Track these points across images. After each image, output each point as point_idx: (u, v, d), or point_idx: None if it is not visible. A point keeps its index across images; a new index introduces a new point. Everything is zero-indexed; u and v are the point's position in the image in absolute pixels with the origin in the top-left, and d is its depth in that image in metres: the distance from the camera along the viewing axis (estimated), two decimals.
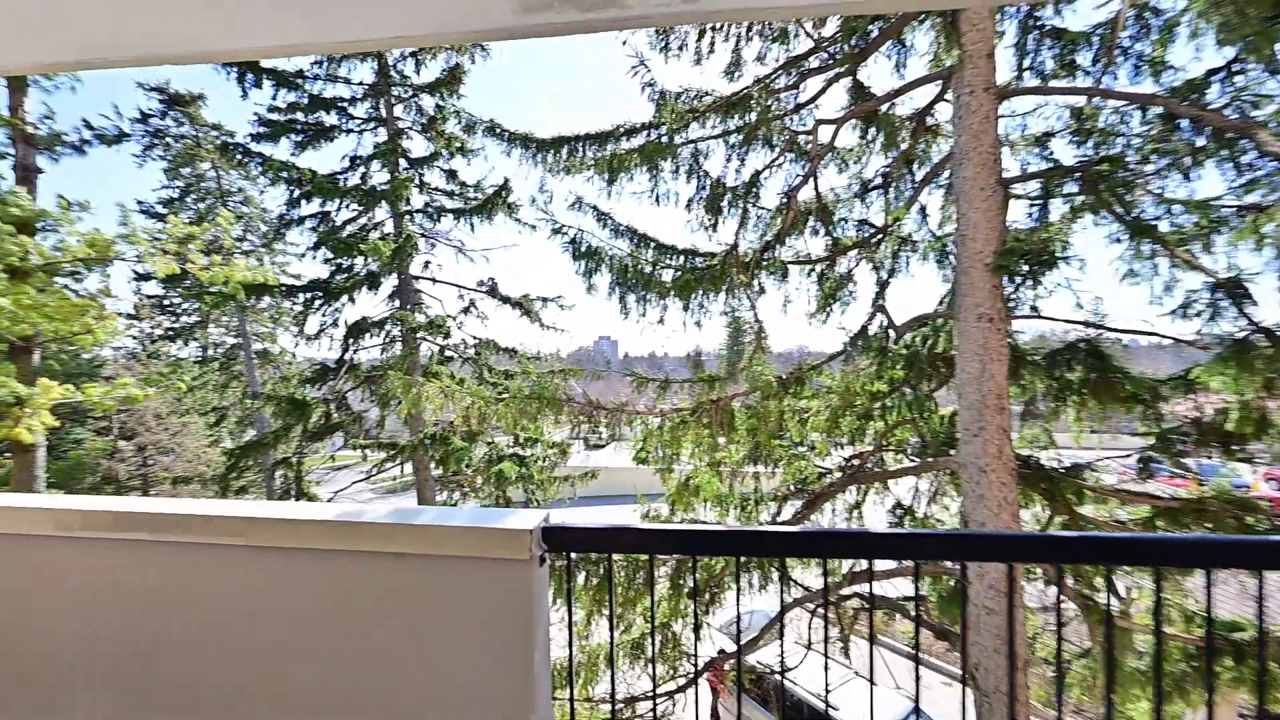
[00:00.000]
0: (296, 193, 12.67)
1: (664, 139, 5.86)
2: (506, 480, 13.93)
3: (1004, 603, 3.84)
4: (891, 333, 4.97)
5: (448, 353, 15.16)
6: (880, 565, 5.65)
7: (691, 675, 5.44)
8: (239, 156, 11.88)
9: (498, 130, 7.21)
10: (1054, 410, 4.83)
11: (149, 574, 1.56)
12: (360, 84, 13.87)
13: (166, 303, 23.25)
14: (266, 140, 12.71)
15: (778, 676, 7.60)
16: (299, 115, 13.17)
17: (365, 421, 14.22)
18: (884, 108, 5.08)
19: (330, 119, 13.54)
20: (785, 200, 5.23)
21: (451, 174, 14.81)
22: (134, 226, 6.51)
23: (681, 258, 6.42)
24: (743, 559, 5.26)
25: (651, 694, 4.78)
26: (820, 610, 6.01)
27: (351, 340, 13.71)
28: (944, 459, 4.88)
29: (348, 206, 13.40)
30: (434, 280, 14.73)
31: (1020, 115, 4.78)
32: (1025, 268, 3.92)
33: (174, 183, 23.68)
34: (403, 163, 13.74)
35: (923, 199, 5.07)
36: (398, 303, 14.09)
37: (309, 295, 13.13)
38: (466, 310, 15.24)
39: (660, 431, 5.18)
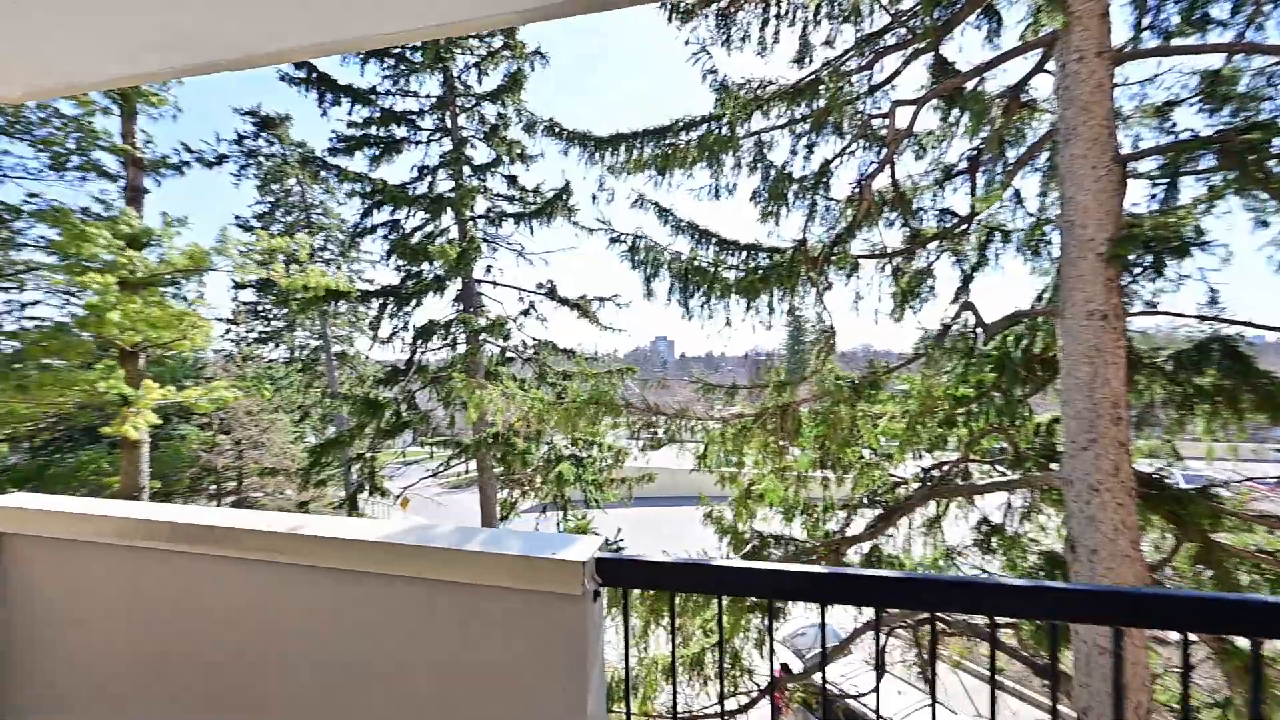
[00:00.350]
0: (369, 203, 13.35)
1: (725, 131, 5.62)
2: (565, 482, 14.04)
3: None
4: (979, 332, 4.49)
5: (508, 354, 15.53)
6: None
7: (755, 694, 5.18)
8: (319, 171, 12.63)
9: (556, 129, 7.21)
10: (1177, 420, 4.20)
11: (208, 587, 1.53)
12: (428, 96, 14.46)
13: (259, 309, 25.32)
14: (343, 154, 13.48)
15: (848, 700, 7.15)
16: (373, 130, 13.87)
17: (432, 420, 14.81)
18: (970, 84, 4.60)
19: (400, 131, 14.18)
20: (857, 190, 4.86)
21: (512, 179, 15.16)
22: (228, 240, 7.03)
23: (744, 254, 6.16)
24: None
25: (717, 715, 4.57)
26: (897, 631, 5.57)
27: (420, 342, 14.29)
28: (1044, 474, 4.35)
29: (416, 214, 13.99)
30: (495, 284, 15.12)
31: (1137, 83, 4.18)
32: (1149, 258, 3.39)
33: (265, 199, 25.75)
34: (466, 170, 14.19)
35: (1016, 183, 4.55)
36: (461, 306, 14.56)
37: (381, 300, 13.80)
38: (526, 312, 15.55)
39: (723, 438, 4.95)
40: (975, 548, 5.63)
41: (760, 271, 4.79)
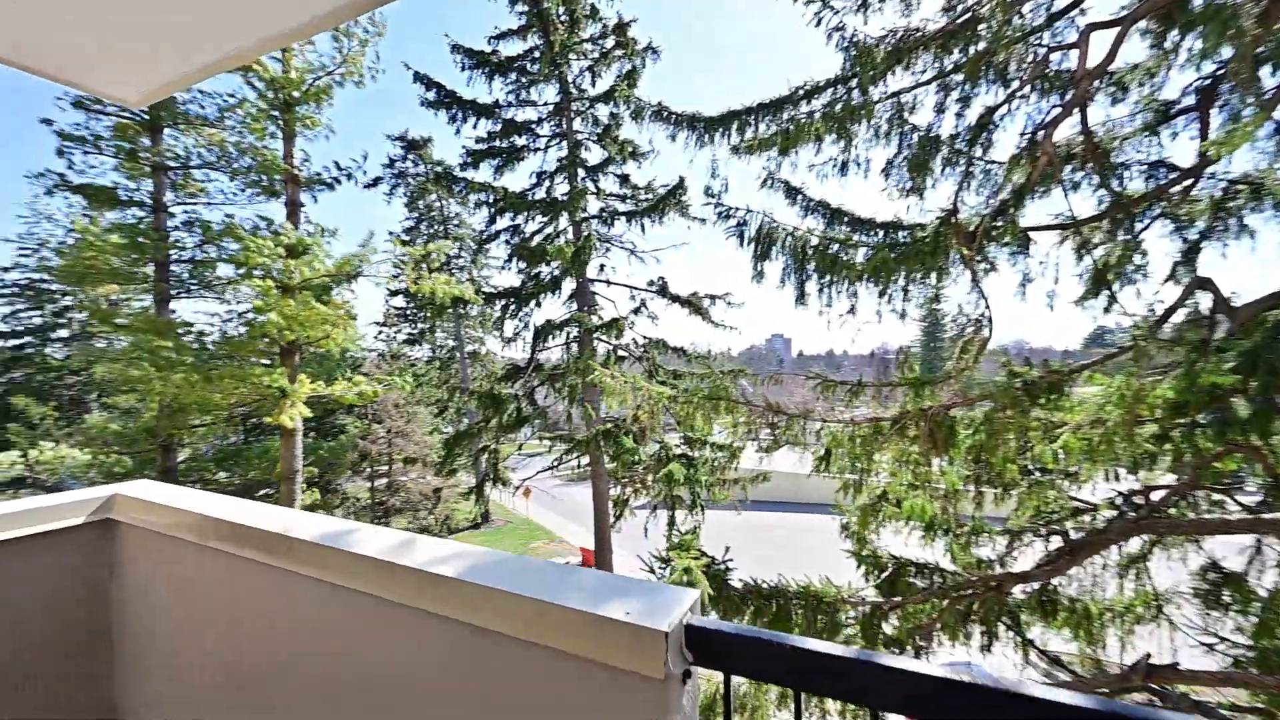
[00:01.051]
0: (492, 211, 14.18)
1: (855, 96, 4.92)
2: (675, 481, 13.79)
3: None
4: (1220, 319, 3.36)
5: (620, 352, 15.66)
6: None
7: None
8: (450, 185, 13.64)
9: (663, 113, 6.93)
10: None
11: (272, 596, 1.41)
12: (545, 104, 15.03)
13: (407, 313, 28.43)
14: (471, 168, 14.48)
15: None
16: (497, 142, 14.72)
17: (549, 415, 15.39)
18: None
19: (521, 140, 14.91)
20: (1029, 146, 3.92)
21: (624, 179, 15.26)
22: (366, 250, 7.81)
23: (880, 234, 5.41)
24: (970, 610, 4.11)
25: None
26: None
27: (538, 341, 14.92)
28: None
29: (534, 218, 14.61)
30: (608, 282, 15.33)
31: None
32: None
33: (412, 214, 28.85)
34: (580, 173, 14.52)
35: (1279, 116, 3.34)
36: (576, 305, 14.95)
37: (503, 302, 14.62)
38: (637, 310, 15.57)
39: (851, 442, 4.30)
40: (1197, 599, 4.35)
41: (895, 251, 4.05)
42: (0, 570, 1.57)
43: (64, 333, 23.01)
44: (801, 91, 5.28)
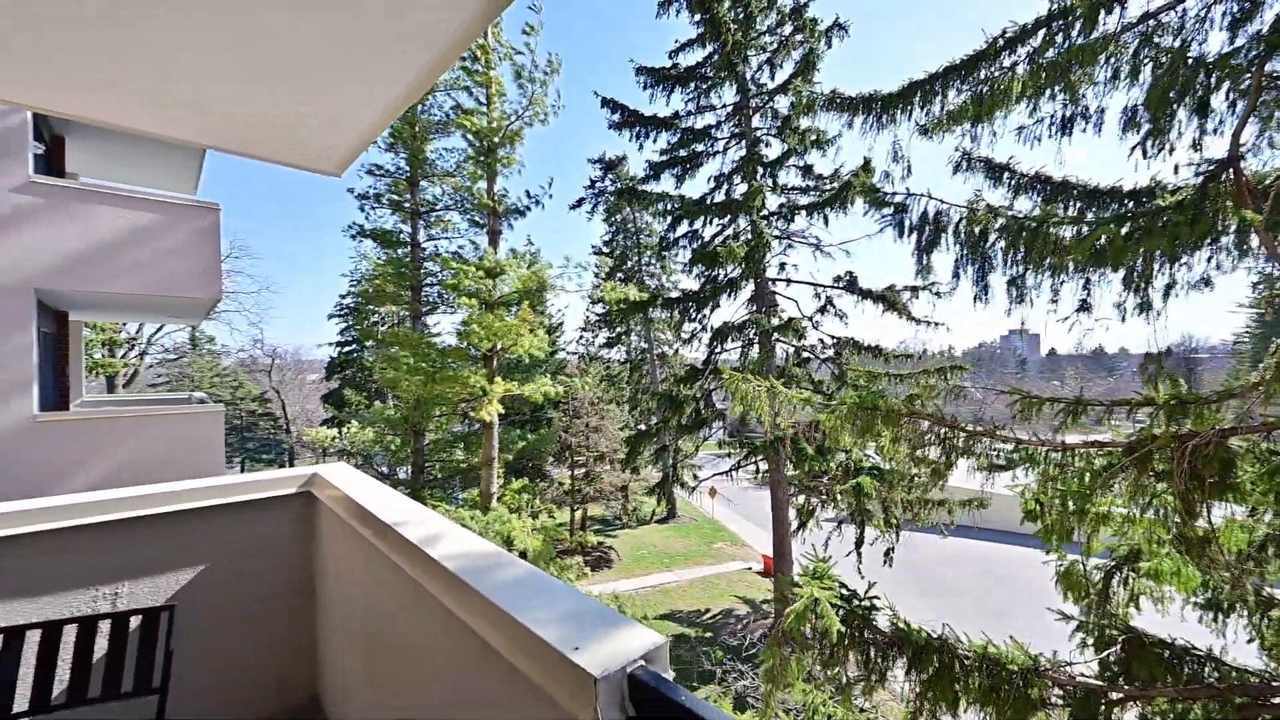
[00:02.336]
0: (671, 218, 14.69)
1: (1076, 33, 3.90)
2: (865, 495, 12.56)
3: None
4: None
5: (803, 353, 14.82)
6: None
7: None
8: (633, 199, 14.53)
9: (836, 100, 6.38)
10: None
11: (376, 570, 1.70)
12: (724, 107, 15.03)
13: (607, 318, 31.17)
14: (653, 180, 15.21)
15: None
16: (678, 152, 15.20)
17: (728, 418, 15.31)
18: None
19: (700, 146, 15.16)
20: None
21: (806, 169, 14.42)
22: (550, 266, 8.84)
23: (1123, 205, 4.23)
24: None
25: None
26: None
27: (716, 343, 14.97)
28: None
29: (712, 222, 14.70)
30: (789, 281, 14.62)
31: None
32: None
33: (610, 227, 31.49)
34: (759, 170, 14.15)
35: None
36: (755, 307, 14.60)
37: (682, 305, 15.01)
38: (823, 309, 14.55)
39: (1064, 475, 3.41)
40: None
41: (1130, 224, 3.05)
42: (247, 528, 2.19)
43: (370, 342, 31.00)
44: (1002, 41, 4.36)
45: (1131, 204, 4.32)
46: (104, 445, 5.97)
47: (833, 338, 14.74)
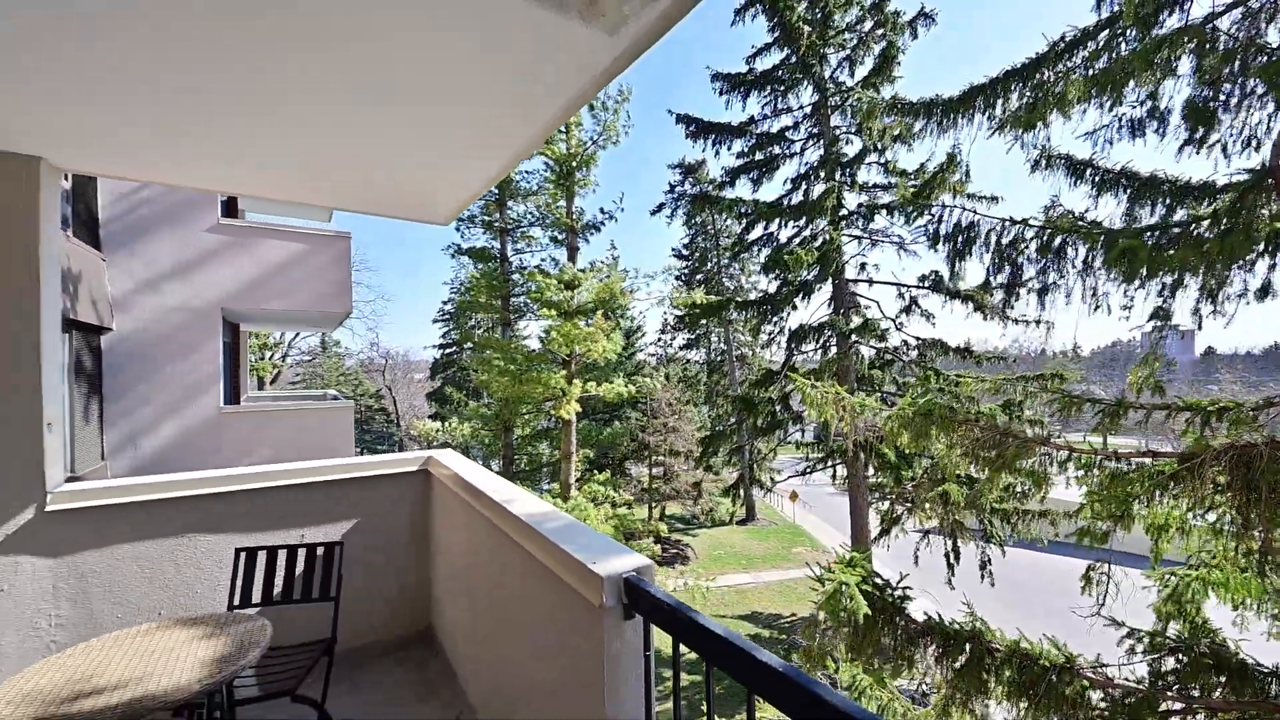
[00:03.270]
0: (745, 221, 14.84)
1: (1136, 34, 3.85)
2: (953, 504, 12.04)
3: None
4: None
5: (885, 356, 14.37)
6: None
7: None
8: (707, 205, 14.87)
9: (897, 105, 6.43)
10: None
11: (473, 527, 2.31)
12: (800, 109, 14.94)
13: (684, 320, 31.61)
14: (729, 185, 15.44)
15: None
16: (754, 156, 15.31)
17: (806, 421, 15.14)
18: None
19: (776, 149, 15.17)
20: None
21: (888, 166, 13.99)
22: (623, 276, 9.50)
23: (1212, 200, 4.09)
24: None
25: None
26: None
27: (794, 346, 14.90)
28: None
29: (787, 225, 14.67)
30: (870, 281, 14.24)
31: None
32: None
33: (690, 231, 31.88)
34: (837, 171, 13.94)
35: None
36: (833, 308, 14.37)
37: (760, 308, 15.09)
38: (908, 310, 14.03)
39: (1111, 485, 3.44)
40: None
41: (1164, 235, 3.04)
42: (383, 495, 2.92)
43: (468, 344, 33.88)
44: (1061, 44, 4.33)
45: (1222, 200, 4.13)
46: (266, 431, 7.39)
47: (917, 339, 14.19)
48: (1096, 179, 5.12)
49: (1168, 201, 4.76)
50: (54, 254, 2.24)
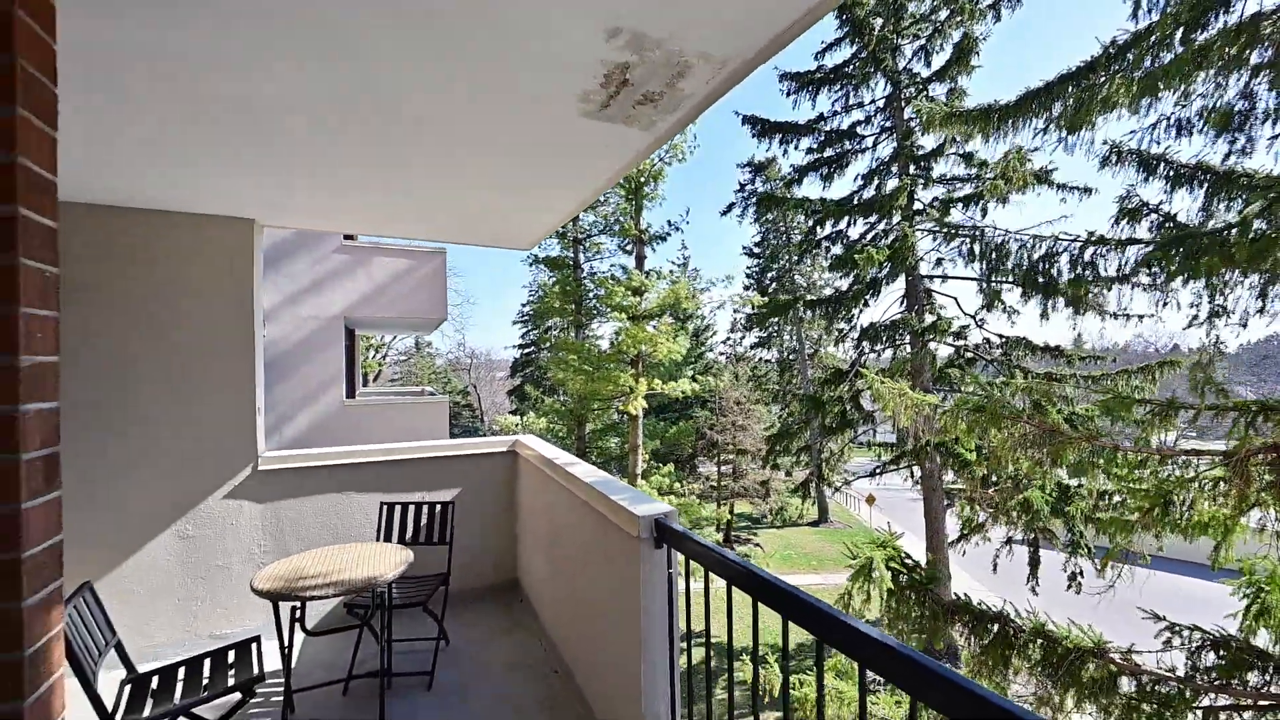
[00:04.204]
0: (814, 219, 14.77)
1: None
2: (1035, 511, 11.52)
3: None
4: None
5: (965, 353, 13.80)
6: None
7: None
8: (774, 204, 14.96)
9: (954, 114, 6.47)
10: None
11: (551, 497, 2.94)
12: (872, 103, 14.66)
13: (755, 318, 31.46)
14: (796, 184, 15.42)
15: None
16: (826, 151, 15.17)
17: (875, 421, 14.81)
18: None
19: (846, 145, 14.96)
20: None
21: (968, 157, 13.42)
22: (679, 282, 9.95)
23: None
24: None
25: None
26: None
27: (864, 344, 14.66)
28: None
29: (857, 221, 14.46)
30: (945, 277, 13.72)
31: None
32: None
33: (761, 229, 31.66)
34: (911, 165, 13.58)
35: None
36: (906, 305, 13.99)
37: (828, 306, 14.98)
38: (988, 306, 13.39)
39: (1155, 480, 3.53)
40: None
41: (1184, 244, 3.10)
42: (480, 470, 3.65)
43: (546, 345, 35.69)
44: (1107, 52, 4.34)
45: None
46: (378, 421, 8.62)
47: (1001, 337, 13.55)
48: (1170, 173, 5.00)
49: (1243, 197, 4.59)
50: (260, 287, 3.13)
